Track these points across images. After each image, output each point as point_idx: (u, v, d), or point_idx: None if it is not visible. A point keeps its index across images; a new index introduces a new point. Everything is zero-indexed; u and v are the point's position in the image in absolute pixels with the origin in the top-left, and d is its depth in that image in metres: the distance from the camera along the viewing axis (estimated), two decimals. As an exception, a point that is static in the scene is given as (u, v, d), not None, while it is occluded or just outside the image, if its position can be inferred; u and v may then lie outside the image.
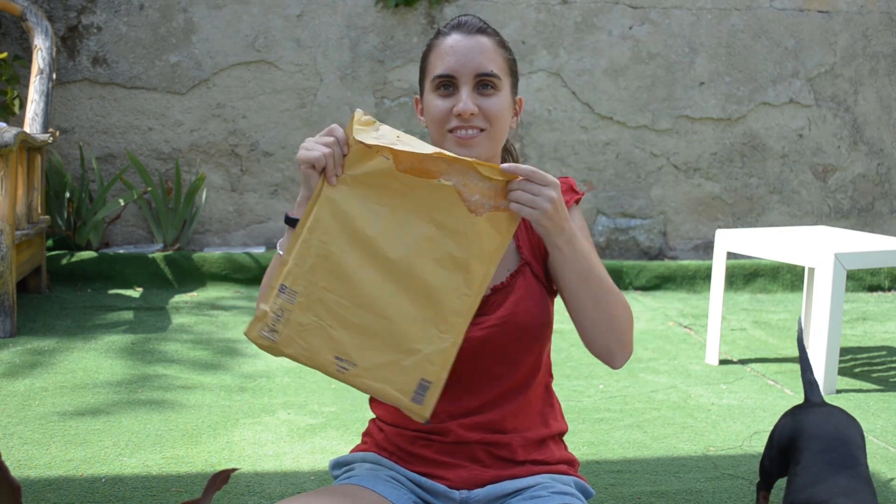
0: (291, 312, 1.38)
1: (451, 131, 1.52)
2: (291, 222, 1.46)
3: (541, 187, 1.39)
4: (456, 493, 1.54)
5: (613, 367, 1.54)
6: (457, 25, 1.56)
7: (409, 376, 1.37)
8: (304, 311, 1.37)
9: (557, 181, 1.42)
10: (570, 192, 1.62)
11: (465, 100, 1.51)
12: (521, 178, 1.40)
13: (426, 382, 1.37)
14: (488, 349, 1.53)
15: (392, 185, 1.38)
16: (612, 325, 1.50)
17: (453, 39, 1.54)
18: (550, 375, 1.68)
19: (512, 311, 1.53)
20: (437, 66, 1.53)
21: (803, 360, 2.17)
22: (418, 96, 1.63)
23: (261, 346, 1.42)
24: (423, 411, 1.38)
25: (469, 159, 1.39)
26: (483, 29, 1.56)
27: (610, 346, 1.52)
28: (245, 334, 1.41)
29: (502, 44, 1.57)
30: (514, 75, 1.59)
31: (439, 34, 1.58)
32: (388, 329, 1.37)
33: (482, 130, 1.52)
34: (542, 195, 1.39)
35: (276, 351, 1.41)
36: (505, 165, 1.39)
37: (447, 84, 1.53)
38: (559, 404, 1.69)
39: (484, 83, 1.52)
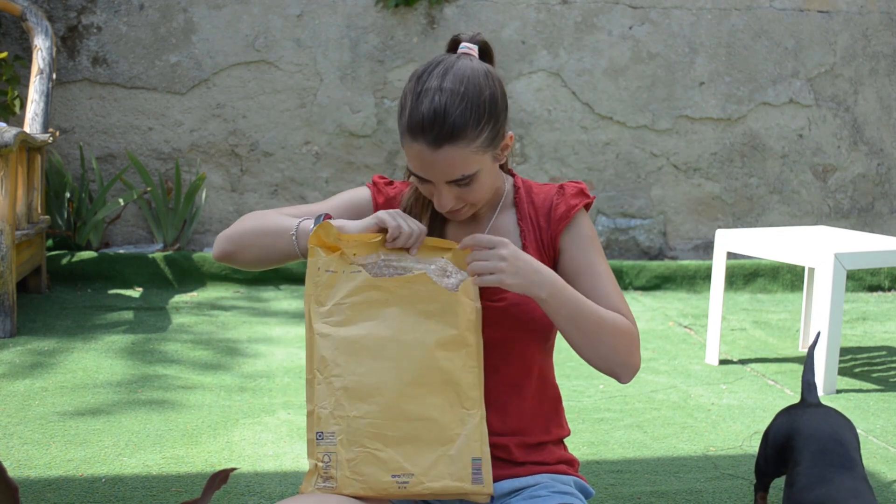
0: (338, 454, 1.40)
1: None
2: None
3: (488, 251, 1.43)
4: None
5: (621, 382, 1.55)
6: (422, 130, 1.42)
7: (461, 462, 1.43)
8: (348, 447, 1.41)
9: (504, 240, 1.43)
10: (580, 196, 1.58)
11: (444, 200, 1.49)
12: (470, 248, 1.45)
13: (476, 461, 1.44)
14: (488, 341, 1.53)
15: (373, 295, 1.45)
16: (611, 355, 1.50)
17: (419, 148, 1.43)
18: (555, 387, 1.66)
19: (514, 303, 1.53)
20: (410, 162, 1.48)
21: (808, 362, 2.17)
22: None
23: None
24: (485, 489, 1.44)
25: (420, 243, 1.48)
26: (451, 135, 1.42)
27: (613, 370, 1.52)
28: (301, 492, 1.43)
29: (475, 136, 1.44)
30: (495, 138, 1.47)
31: (406, 133, 1.45)
32: (426, 427, 1.43)
33: (465, 206, 1.53)
34: (492, 258, 1.42)
35: (337, 493, 1.44)
36: (461, 243, 1.46)
37: (422, 179, 1.49)
38: (563, 409, 1.68)
39: (459, 182, 1.47)
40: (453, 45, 1.55)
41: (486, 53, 1.55)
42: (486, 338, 1.51)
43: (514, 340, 1.55)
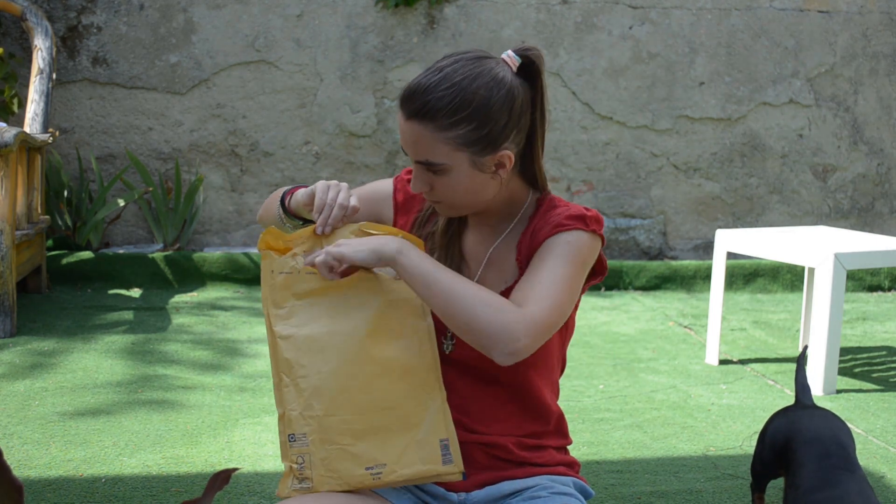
0: (311, 454, 1.42)
1: None
2: (284, 207, 1.58)
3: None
4: (454, 496, 1.54)
5: (496, 362, 1.39)
6: (403, 99, 1.44)
7: (429, 446, 1.45)
8: (321, 446, 1.42)
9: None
10: (576, 220, 1.49)
11: (413, 180, 1.49)
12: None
13: (444, 441, 1.45)
14: (469, 370, 1.53)
15: (328, 292, 1.46)
16: (471, 326, 1.38)
17: (399, 118, 1.46)
18: (555, 393, 1.65)
19: None
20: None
21: (800, 367, 2.18)
22: None
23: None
24: (455, 468, 1.46)
25: (358, 225, 1.48)
26: (421, 112, 1.41)
27: (481, 343, 1.38)
28: (278, 495, 1.44)
29: (448, 124, 1.41)
30: (475, 144, 1.43)
31: (403, 90, 1.47)
32: (392, 417, 1.44)
33: (442, 202, 1.50)
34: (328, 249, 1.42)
35: (314, 493, 1.45)
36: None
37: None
38: (566, 425, 1.67)
39: (429, 167, 1.45)
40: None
41: (529, 70, 1.47)
42: (477, 366, 1.51)
43: (506, 368, 1.51)
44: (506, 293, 1.51)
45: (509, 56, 1.47)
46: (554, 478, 1.58)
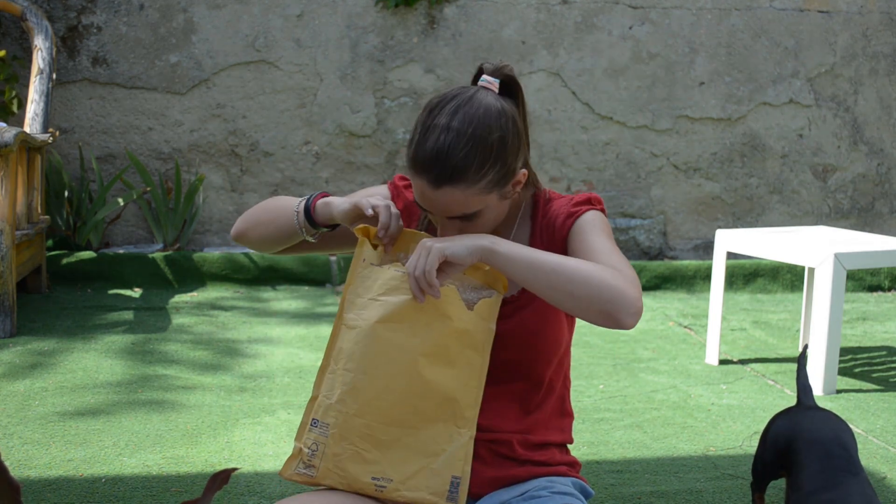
0: (326, 445, 1.41)
1: None
2: (310, 218, 1.56)
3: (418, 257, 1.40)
4: None
5: (623, 327, 1.37)
6: (423, 167, 1.43)
7: (440, 478, 1.43)
8: (338, 442, 1.41)
9: (425, 238, 1.41)
10: (583, 203, 1.56)
11: (446, 232, 1.49)
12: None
13: (456, 479, 1.43)
14: (492, 360, 1.53)
15: (405, 300, 1.42)
16: (591, 295, 1.36)
17: (422, 185, 1.44)
18: (566, 387, 1.66)
19: (519, 326, 1.53)
20: (413, 191, 1.49)
21: (801, 367, 2.18)
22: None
23: (300, 482, 1.44)
24: None
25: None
26: (451, 177, 1.41)
27: (606, 313, 1.37)
28: (280, 474, 1.43)
29: (477, 179, 1.42)
30: (501, 180, 1.45)
31: (412, 162, 1.45)
32: (416, 438, 1.43)
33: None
34: (420, 256, 1.39)
35: (313, 483, 1.44)
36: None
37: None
38: (571, 418, 1.68)
39: (462, 218, 1.47)
40: (478, 75, 1.51)
41: (509, 86, 1.51)
42: (493, 358, 1.50)
43: (520, 360, 1.55)
44: (521, 293, 1.54)
45: (489, 82, 1.49)
46: (554, 478, 1.58)
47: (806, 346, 2.36)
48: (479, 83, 1.49)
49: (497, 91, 1.49)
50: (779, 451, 2.03)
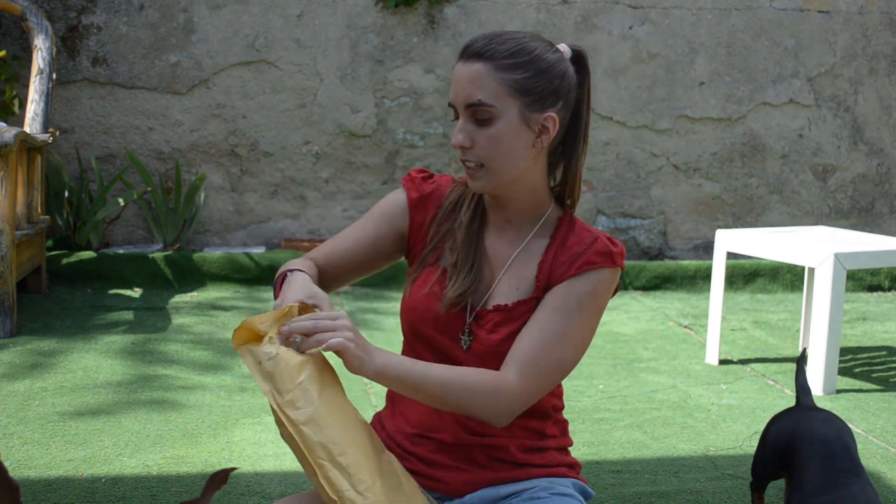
0: None
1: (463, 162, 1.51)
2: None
3: (332, 321, 1.35)
4: (454, 502, 1.55)
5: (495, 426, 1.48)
6: (463, 49, 1.48)
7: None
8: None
9: (337, 313, 1.36)
10: (603, 257, 1.50)
11: (456, 132, 1.48)
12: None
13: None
14: (490, 366, 1.52)
15: (310, 369, 1.36)
16: (468, 412, 1.44)
17: (457, 68, 1.48)
18: (558, 398, 1.64)
19: (510, 336, 1.50)
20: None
21: (799, 369, 2.17)
22: None
23: None
24: None
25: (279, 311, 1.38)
26: (481, 53, 1.45)
27: (480, 419, 1.46)
28: None
29: (506, 66, 1.45)
30: (528, 93, 1.45)
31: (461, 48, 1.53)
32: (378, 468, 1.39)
33: (481, 165, 1.48)
34: (339, 328, 1.34)
35: None
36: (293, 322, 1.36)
37: (455, 112, 1.50)
38: (567, 424, 1.67)
39: (477, 115, 1.45)
40: None
41: (579, 62, 1.53)
42: (488, 367, 1.50)
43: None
44: (516, 306, 1.52)
45: (562, 46, 1.53)
46: (554, 479, 1.58)
47: (805, 349, 2.36)
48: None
49: (567, 57, 1.52)
50: (778, 451, 2.02)
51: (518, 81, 1.45)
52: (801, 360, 2.21)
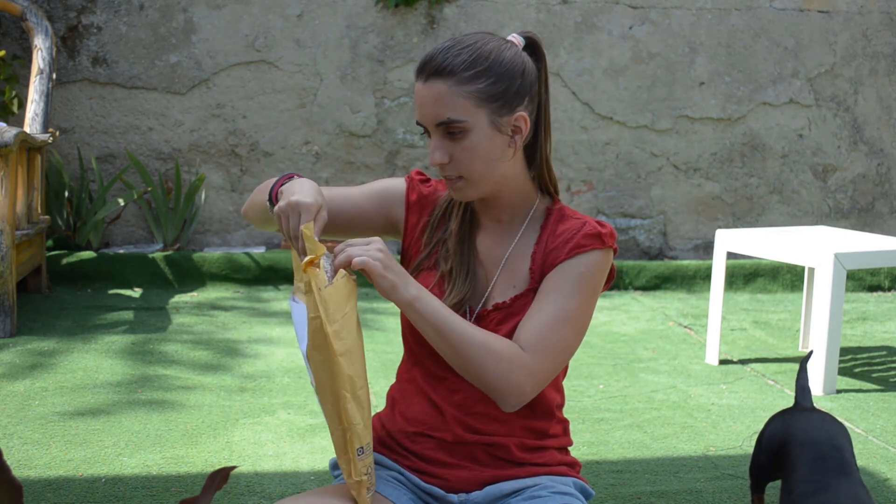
0: (371, 462, 1.41)
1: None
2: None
3: (364, 246, 1.38)
4: (454, 497, 1.54)
5: (500, 407, 1.48)
6: (420, 68, 1.47)
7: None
8: (371, 456, 1.42)
9: (379, 240, 1.39)
10: (592, 239, 1.51)
11: (433, 150, 1.48)
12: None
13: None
14: None
15: (350, 302, 1.41)
16: (480, 375, 1.43)
17: (418, 87, 1.47)
18: (560, 395, 1.65)
19: (510, 332, 1.51)
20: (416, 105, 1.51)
21: (802, 369, 2.17)
22: None
23: None
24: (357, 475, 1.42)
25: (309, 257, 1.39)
26: (440, 70, 1.44)
27: (488, 392, 1.45)
28: None
29: (467, 78, 1.44)
30: (495, 100, 1.45)
31: (417, 66, 1.52)
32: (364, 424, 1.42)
33: (461, 177, 1.49)
34: (370, 250, 1.37)
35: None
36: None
37: (426, 130, 1.50)
38: (567, 423, 1.67)
39: (450, 130, 1.46)
40: None
41: (533, 48, 1.53)
42: None
43: None
44: (515, 301, 1.53)
45: (514, 36, 1.53)
46: (554, 478, 1.58)
47: (812, 351, 2.33)
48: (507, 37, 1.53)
49: (520, 46, 1.51)
50: (772, 453, 2.02)
51: (482, 91, 1.44)
52: (804, 361, 2.20)
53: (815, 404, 2.15)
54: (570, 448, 1.68)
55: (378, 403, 2.88)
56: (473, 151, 1.46)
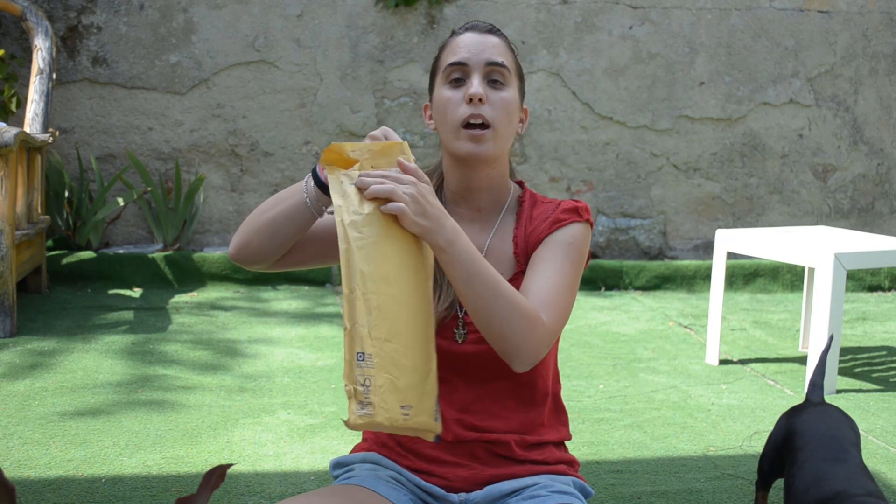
0: (374, 377, 1.32)
1: (464, 126, 1.52)
2: (319, 183, 1.47)
3: (398, 182, 1.37)
4: (455, 497, 1.55)
5: (513, 368, 1.45)
6: (470, 27, 1.60)
7: (433, 397, 1.37)
8: (380, 372, 1.32)
9: (419, 178, 1.38)
10: (571, 213, 1.56)
11: (476, 85, 1.53)
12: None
13: (437, 397, 1.38)
14: (478, 361, 1.53)
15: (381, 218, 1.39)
16: (503, 330, 1.40)
17: (466, 37, 1.57)
18: (558, 383, 1.66)
19: None
20: (450, 58, 1.56)
21: (819, 364, 2.15)
22: (427, 103, 1.64)
23: (361, 428, 1.34)
24: (438, 427, 1.38)
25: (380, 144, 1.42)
26: (494, 30, 1.60)
27: (505, 350, 1.42)
28: (346, 425, 1.32)
29: (512, 47, 1.61)
30: (521, 79, 1.61)
31: (453, 34, 1.61)
32: (421, 358, 1.36)
33: (489, 127, 1.53)
34: (398, 188, 1.36)
35: (373, 426, 1.33)
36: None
37: (458, 77, 1.54)
38: (566, 415, 1.68)
39: (494, 76, 1.55)
40: None
41: None
42: (476, 359, 1.53)
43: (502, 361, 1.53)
44: None
45: None
46: (554, 477, 1.58)
47: (828, 347, 2.25)
48: None
49: None
50: (777, 448, 2.03)
51: (518, 67, 1.61)
52: (822, 356, 2.17)
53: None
54: (570, 448, 1.68)
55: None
56: (507, 105, 1.55)
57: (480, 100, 1.52)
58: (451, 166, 1.60)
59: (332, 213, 1.56)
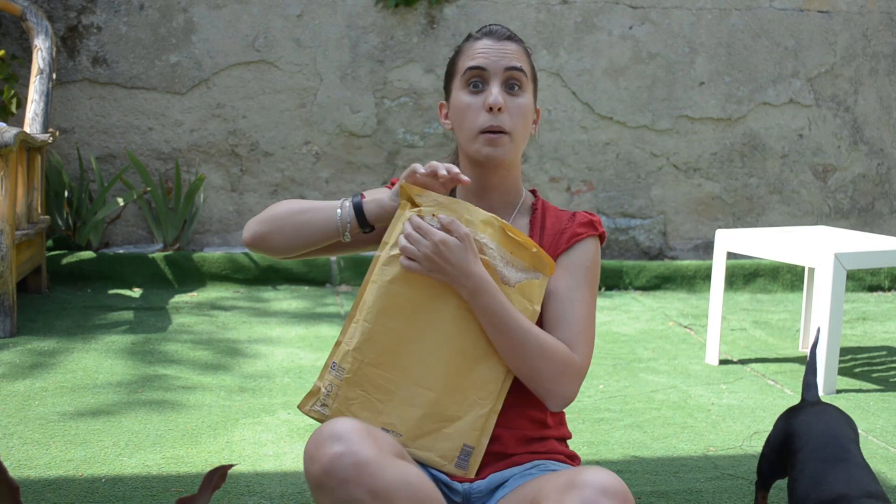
0: (340, 388, 1.49)
1: (482, 132, 1.60)
2: (360, 214, 1.58)
3: (423, 240, 1.46)
4: (458, 486, 1.56)
5: (548, 408, 1.57)
6: (488, 32, 1.66)
7: (452, 443, 1.49)
8: (351, 387, 1.49)
9: (438, 234, 1.45)
10: (587, 227, 1.65)
11: (496, 93, 1.59)
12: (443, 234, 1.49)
13: (468, 448, 1.49)
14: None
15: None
16: (534, 376, 1.51)
17: (484, 43, 1.63)
18: None
19: None
20: (469, 62, 1.62)
21: (810, 362, 2.16)
22: (443, 102, 1.71)
23: (314, 419, 1.54)
24: (463, 474, 1.51)
25: (500, 221, 1.53)
26: (512, 36, 1.66)
27: (538, 392, 1.54)
28: (298, 408, 1.52)
29: (528, 52, 1.69)
30: (535, 82, 1.69)
31: (470, 38, 1.66)
32: (431, 399, 1.48)
33: (507, 133, 1.60)
34: (421, 247, 1.46)
35: (324, 421, 1.51)
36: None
37: (477, 81, 1.61)
38: (563, 414, 1.69)
39: (512, 81, 1.61)
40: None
41: None
42: None
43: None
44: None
45: None
46: (555, 463, 1.60)
47: (815, 343, 2.27)
48: None
49: None
50: (775, 449, 2.02)
51: (533, 72, 1.68)
52: (812, 355, 2.17)
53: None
54: (570, 447, 1.69)
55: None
56: (523, 110, 1.62)
57: (500, 109, 1.59)
58: (466, 166, 1.67)
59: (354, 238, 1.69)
